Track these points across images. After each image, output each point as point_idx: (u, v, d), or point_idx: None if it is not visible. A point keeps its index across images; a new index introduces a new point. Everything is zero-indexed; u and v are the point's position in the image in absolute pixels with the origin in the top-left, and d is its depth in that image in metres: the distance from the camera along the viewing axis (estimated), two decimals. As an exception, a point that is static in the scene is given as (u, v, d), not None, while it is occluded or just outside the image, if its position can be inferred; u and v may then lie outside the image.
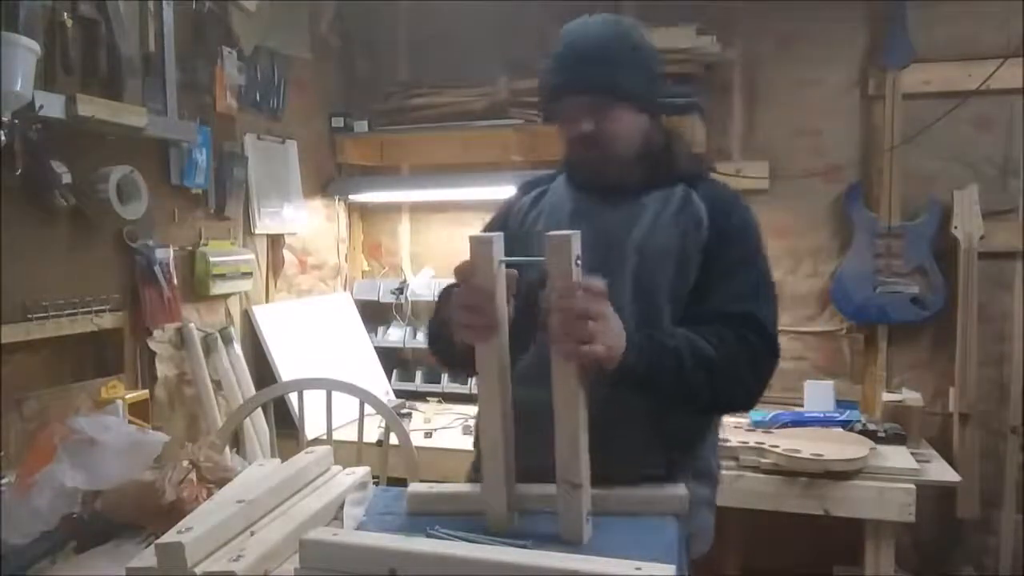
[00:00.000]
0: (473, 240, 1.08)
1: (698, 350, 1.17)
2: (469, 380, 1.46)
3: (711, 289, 1.27)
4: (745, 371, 1.22)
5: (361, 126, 2.89)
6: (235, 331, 2.42)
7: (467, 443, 1.96)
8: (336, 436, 1.90)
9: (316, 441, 1.79)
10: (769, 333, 1.25)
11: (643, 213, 1.32)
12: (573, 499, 1.07)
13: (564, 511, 1.09)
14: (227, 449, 1.71)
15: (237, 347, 2.39)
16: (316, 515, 1.16)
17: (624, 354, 1.09)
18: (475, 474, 1.46)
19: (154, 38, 2.04)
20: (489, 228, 1.45)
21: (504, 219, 1.45)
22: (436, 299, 1.45)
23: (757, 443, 2.19)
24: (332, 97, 3.00)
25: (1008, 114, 2.47)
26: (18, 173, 1.66)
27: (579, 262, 1.04)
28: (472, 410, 2.26)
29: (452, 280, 1.14)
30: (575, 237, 1.04)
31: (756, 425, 2.37)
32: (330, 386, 1.91)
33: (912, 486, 2.04)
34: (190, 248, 2.28)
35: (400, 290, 2.98)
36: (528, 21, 2.71)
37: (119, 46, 1.93)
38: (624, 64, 1.30)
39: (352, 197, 3.01)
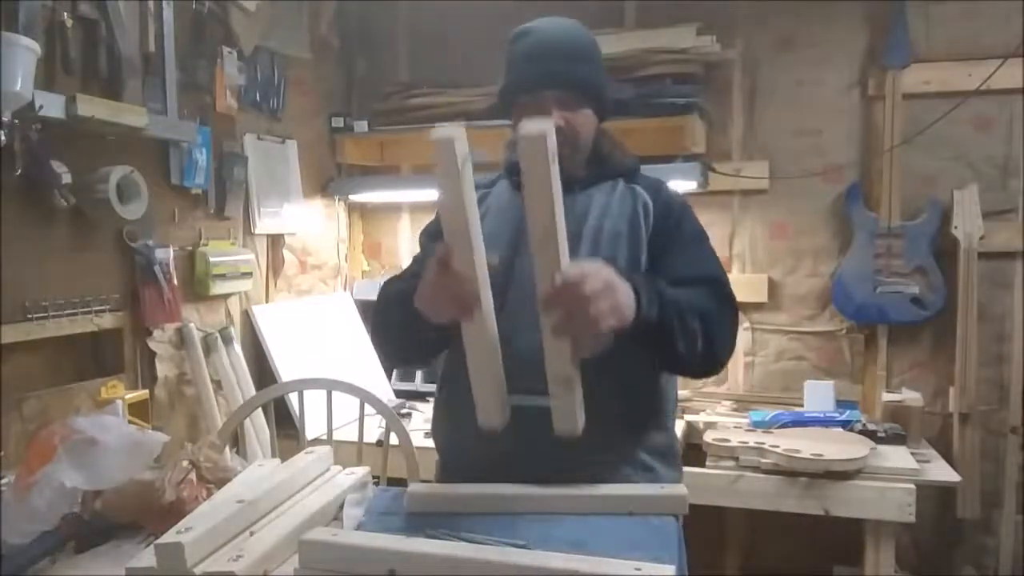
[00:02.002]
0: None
1: (692, 299, 1.23)
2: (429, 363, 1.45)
3: (671, 263, 1.34)
4: (725, 322, 1.31)
5: (361, 126, 2.89)
6: (235, 331, 2.42)
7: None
8: (336, 436, 1.90)
9: (316, 441, 1.79)
10: (731, 292, 1.35)
11: (591, 204, 1.38)
12: (566, 393, 1.08)
13: (558, 406, 1.09)
14: (227, 449, 1.70)
15: (237, 347, 2.39)
16: (316, 515, 1.16)
17: (637, 309, 1.11)
18: (443, 474, 1.47)
19: (154, 38, 2.04)
20: (433, 228, 1.48)
21: None
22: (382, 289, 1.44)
23: (757, 443, 2.19)
24: (332, 97, 3.00)
25: (1008, 114, 2.47)
26: (18, 173, 1.65)
27: (555, 160, 1.01)
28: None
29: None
30: (550, 130, 0.99)
31: (756, 425, 2.37)
32: (330, 386, 1.91)
33: (912, 486, 2.04)
34: (190, 248, 2.28)
35: (400, 290, 2.97)
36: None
37: (119, 46, 1.93)
38: (592, 64, 1.38)
39: (352, 197, 3.01)
